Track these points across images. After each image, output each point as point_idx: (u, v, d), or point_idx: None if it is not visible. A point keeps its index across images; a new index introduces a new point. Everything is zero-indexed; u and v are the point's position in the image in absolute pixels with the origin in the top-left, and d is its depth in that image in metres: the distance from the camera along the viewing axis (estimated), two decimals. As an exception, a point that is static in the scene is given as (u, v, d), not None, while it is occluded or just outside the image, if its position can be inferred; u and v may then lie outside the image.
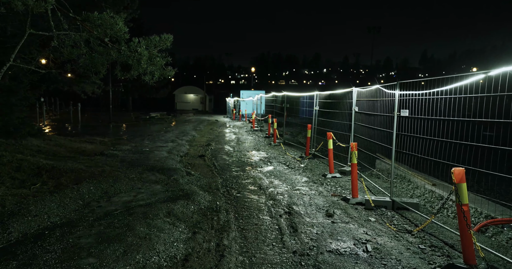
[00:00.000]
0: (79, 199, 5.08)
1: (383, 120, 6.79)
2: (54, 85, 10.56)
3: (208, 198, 5.89)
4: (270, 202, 5.88)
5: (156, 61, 4.42)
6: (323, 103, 10.60)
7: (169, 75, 4.85)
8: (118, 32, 4.10)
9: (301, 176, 7.94)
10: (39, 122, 19.54)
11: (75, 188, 5.39)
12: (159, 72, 4.61)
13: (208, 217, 5.03)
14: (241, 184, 7.06)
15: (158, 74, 4.65)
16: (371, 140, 7.17)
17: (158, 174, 7.25)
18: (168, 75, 4.80)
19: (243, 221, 4.91)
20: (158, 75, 4.68)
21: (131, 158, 9.00)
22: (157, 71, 4.56)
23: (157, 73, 4.60)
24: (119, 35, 4.19)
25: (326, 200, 5.99)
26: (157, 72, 4.58)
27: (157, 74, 4.63)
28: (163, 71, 4.68)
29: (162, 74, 4.73)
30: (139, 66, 4.26)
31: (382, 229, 4.60)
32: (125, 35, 4.29)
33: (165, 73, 4.73)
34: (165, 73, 4.74)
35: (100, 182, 5.92)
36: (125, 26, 4.16)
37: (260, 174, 8.07)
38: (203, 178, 7.41)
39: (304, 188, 6.83)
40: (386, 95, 6.15)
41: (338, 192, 6.61)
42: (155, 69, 4.48)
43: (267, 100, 20.50)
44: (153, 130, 17.85)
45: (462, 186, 3.40)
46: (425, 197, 6.71)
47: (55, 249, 3.48)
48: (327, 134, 8.08)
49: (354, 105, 8.17)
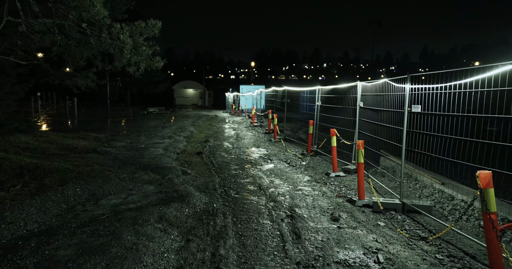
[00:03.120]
0: (63, 203, 4.66)
1: (390, 116, 6.38)
2: (44, 79, 10.10)
3: (205, 199, 5.49)
4: (271, 204, 5.49)
5: (141, 50, 3.91)
6: (326, 98, 10.17)
7: (157, 67, 4.37)
8: (96, 15, 3.60)
9: (303, 175, 7.54)
10: (35, 117, 19.11)
11: (59, 190, 4.96)
12: (145, 63, 4.11)
13: (204, 221, 4.64)
14: (240, 184, 6.67)
15: (144, 66, 4.14)
16: (377, 137, 6.75)
17: (152, 173, 6.84)
18: (155, 66, 4.32)
19: (242, 226, 4.51)
20: (144, 66, 4.16)
21: (124, 155, 8.59)
22: (143, 62, 4.06)
23: (143, 64, 4.09)
24: (97, 19, 3.69)
25: (331, 202, 5.59)
26: (143, 63, 4.07)
27: (143, 65, 4.12)
28: (150, 62, 4.18)
29: (148, 65, 4.23)
30: (122, 56, 3.77)
31: (393, 235, 4.20)
32: (104, 20, 3.77)
33: (153, 64, 4.23)
34: (153, 65, 4.24)
35: (88, 183, 5.50)
36: (104, 9, 3.66)
37: (260, 173, 7.67)
38: (200, 177, 7.01)
39: (307, 188, 6.44)
40: (395, 90, 5.72)
41: (343, 192, 6.22)
42: (141, 59, 3.98)
43: (267, 95, 20.04)
44: (151, 125, 17.43)
45: (489, 192, 2.99)
46: (435, 198, 6.31)
47: (27, 264, 3.06)
48: (330, 130, 7.67)
49: (358, 100, 7.74)
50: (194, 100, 48.40)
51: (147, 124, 18.03)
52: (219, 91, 52.08)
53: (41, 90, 26.62)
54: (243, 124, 19.54)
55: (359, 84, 7.66)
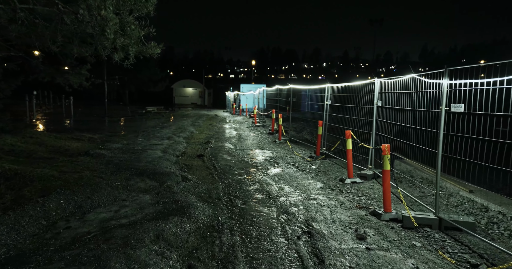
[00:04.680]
0: (43, 218, 3.96)
1: (415, 117, 5.70)
2: (34, 76, 9.38)
3: (208, 211, 4.81)
4: (283, 216, 4.81)
5: (129, 30, 3.12)
6: (336, 96, 9.48)
7: (151, 53, 3.56)
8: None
9: (315, 181, 6.86)
10: (29, 116, 18.41)
11: (39, 202, 4.26)
12: (135, 48, 3.28)
13: (208, 240, 3.96)
14: (246, 191, 5.99)
15: (134, 51, 3.30)
16: (402, 140, 6.07)
17: (149, 180, 6.14)
18: (150, 53, 3.51)
19: (252, 246, 3.84)
20: (135, 52, 3.33)
21: (119, 159, 7.89)
22: (133, 47, 3.22)
23: (132, 49, 3.25)
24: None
25: (352, 214, 4.91)
26: (133, 47, 3.23)
27: (133, 50, 3.28)
28: (143, 47, 3.37)
29: (140, 51, 3.40)
30: (103, 37, 3.00)
31: (436, 260, 3.52)
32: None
33: (146, 50, 3.42)
34: (146, 50, 3.43)
35: (75, 192, 4.80)
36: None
37: (267, 178, 6.99)
38: (202, 183, 6.33)
39: (321, 197, 5.76)
40: (425, 86, 5.04)
41: (363, 202, 5.54)
42: (130, 43, 3.19)
43: (270, 94, 19.34)
44: (149, 125, 16.74)
45: None
46: (465, 208, 5.64)
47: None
48: (345, 132, 6.98)
49: (376, 99, 7.06)
50: (193, 99, 47.68)
51: (146, 124, 17.33)
52: (219, 90, 51.42)
53: (37, 89, 25.93)
54: (245, 124, 18.85)
55: (377, 81, 6.97)
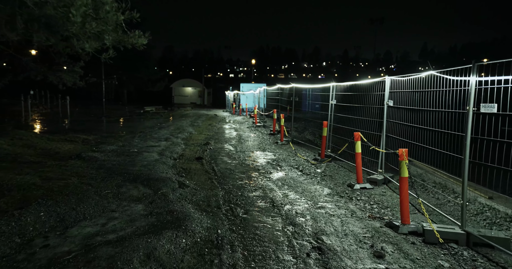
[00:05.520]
0: (17, 235, 3.48)
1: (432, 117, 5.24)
2: (24, 74, 8.91)
3: (206, 223, 4.34)
4: (290, 228, 4.34)
5: (103, 13, 2.50)
6: (341, 96, 9.01)
7: (135, 44, 2.99)
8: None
9: (321, 186, 6.39)
10: (25, 116, 17.94)
11: (15, 215, 3.78)
12: (112, 35, 2.70)
13: (206, 258, 3.48)
14: (248, 199, 5.52)
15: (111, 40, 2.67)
16: (415, 142, 5.60)
17: (142, 186, 5.66)
18: (133, 43, 2.91)
19: (256, 266, 3.37)
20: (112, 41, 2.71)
21: (112, 162, 7.41)
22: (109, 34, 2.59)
23: (109, 37, 2.60)
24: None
25: (365, 226, 4.44)
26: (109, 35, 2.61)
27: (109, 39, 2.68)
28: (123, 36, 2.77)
29: (121, 40, 2.78)
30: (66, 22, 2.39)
31: (470, 285, 3.05)
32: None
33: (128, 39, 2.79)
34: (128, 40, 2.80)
35: (58, 203, 4.32)
36: None
37: (270, 183, 6.52)
38: (200, 190, 5.85)
39: (330, 205, 5.29)
40: (447, 84, 4.57)
41: (376, 212, 5.06)
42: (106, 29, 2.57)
43: (271, 93, 18.86)
44: (147, 126, 16.27)
45: None
46: (486, 217, 5.17)
47: None
48: (354, 134, 6.51)
49: (386, 99, 6.59)
50: (193, 98, 47.22)
51: (143, 124, 16.87)
52: (219, 89, 50.94)
53: (34, 88, 25.44)
54: (245, 124, 18.38)
55: (388, 79, 6.50)
